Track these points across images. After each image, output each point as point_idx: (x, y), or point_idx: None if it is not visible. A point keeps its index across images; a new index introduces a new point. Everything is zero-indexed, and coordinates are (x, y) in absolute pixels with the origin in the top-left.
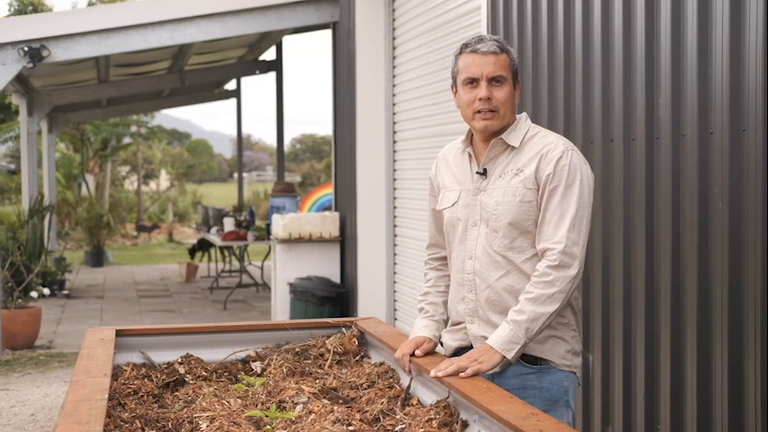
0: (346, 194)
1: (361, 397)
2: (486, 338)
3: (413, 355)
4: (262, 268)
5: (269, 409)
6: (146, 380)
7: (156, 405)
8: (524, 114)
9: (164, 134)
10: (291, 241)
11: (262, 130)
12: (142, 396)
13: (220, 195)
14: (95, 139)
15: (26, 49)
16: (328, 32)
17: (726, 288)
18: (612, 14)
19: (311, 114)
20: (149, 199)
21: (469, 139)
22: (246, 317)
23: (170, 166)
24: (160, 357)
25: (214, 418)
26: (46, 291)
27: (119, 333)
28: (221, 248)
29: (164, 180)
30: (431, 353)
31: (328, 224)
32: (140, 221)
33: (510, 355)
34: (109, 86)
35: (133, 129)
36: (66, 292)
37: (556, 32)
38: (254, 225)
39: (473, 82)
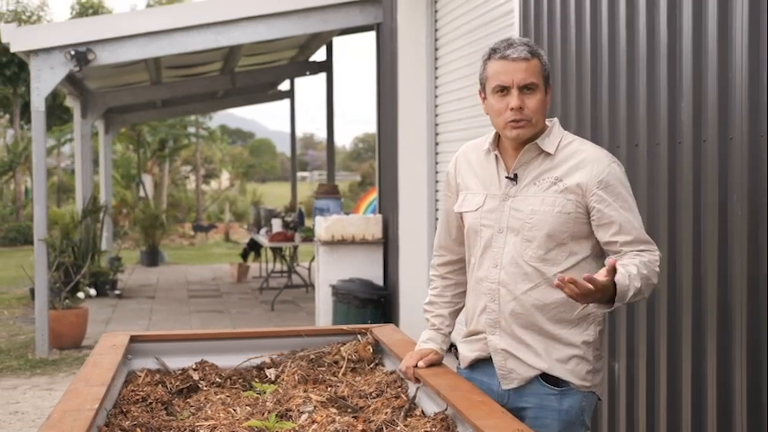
0: (389, 196)
1: (369, 406)
2: (508, 352)
3: (416, 367)
4: (309, 269)
5: (268, 418)
6: (157, 386)
7: (165, 412)
8: (556, 120)
9: (226, 134)
10: (334, 243)
11: (323, 129)
12: (150, 403)
13: (281, 195)
14: (153, 140)
15: (73, 52)
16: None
17: (745, 298)
18: (637, 17)
19: (373, 114)
20: (210, 198)
21: (496, 141)
22: (293, 318)
23: (230, 166)
24: (176, 363)
25: (215, 428)
26: (92, 291)
27: (134, 339)
28: (272, 249)
29: (224, 179)
30: (436, 364)
31: (371, 226)
32: (198, 221)
33: (613, 306)
34: (162, 88)
35: (192, 129)
36: (117, 292)
37: (583, 37)
38: (303, 226)
39: (503, 90)
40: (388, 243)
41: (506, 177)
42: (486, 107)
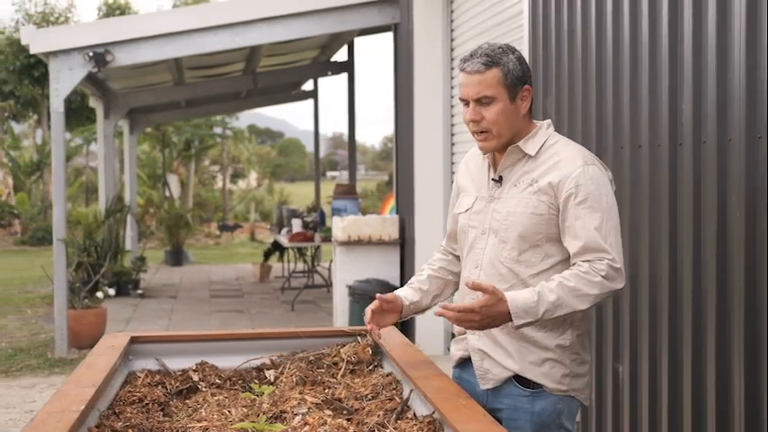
0: (405, 197)
1: (363, 408)
2: (484, 353)
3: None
4: (329, 269)
5: (258, 420)
6: (155, 387)
7: (162, 413)
8: (547, 122)
9: (254, 133)
10: (351, 243)
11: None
12: (147, 404)
13: (308, 194)
14: (179, 140)
15: (91, 54)
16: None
17: (743, 299)
18: (640, 20)
19: None
20: (237, 198)
21: None
22: (313, 318)
23: (257, 166)
24: (176, 364)
25: (207, 429)
26: (111, 291)
27: (134, 340)
28: (295, 249)
29: (252, 179)
30: (394, 307)
31: (388, 227)
32: (224, 221)
33: (516, 323)
34: (184, 88)
35: (218, 130)
36: (140, 291)
37: (589, 41)
38: (323, 226)
39: (465, 102)
40: (404, 244)
41: (492, 180)
42: None
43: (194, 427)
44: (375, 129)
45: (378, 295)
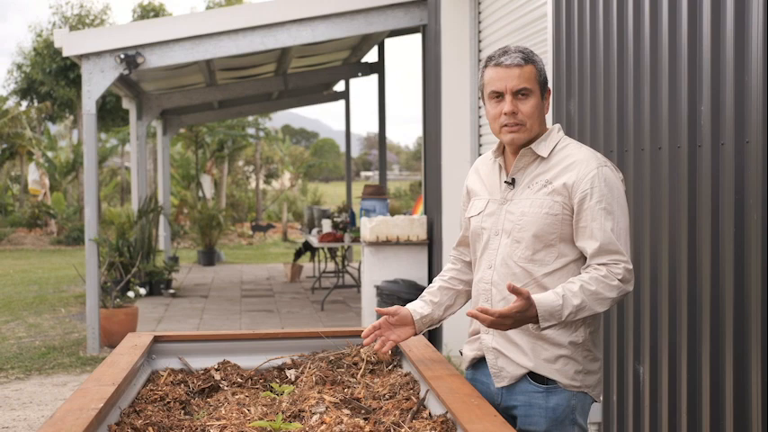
0: (433, 197)
1: (380, 408)
2: (498, 351)
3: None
4: (359, 270)
5: (275, 419)
6: (178, 386)
7: (183, 411)
8: (557, 126)
9: (289, 134)
10: (379, 244)
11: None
12: (168, 402)
13: (343, 195)
14: (212, 141)
15: (122, 56)
16: None
17: (760, 301)
18: (660, 22)
19: None
20: (271, 198)
21: (501, 149)
22: (342, 318)
23: (290, 166)
24: (199, 363)
25: (225, 427)
26: (142, 291)
27: (158, 339)
28: (326, 249)
29: (286, 179)
30: (402, 320)
31: (416, 227)
32: (257, 221)
33: (543, 326)
34: (216, 90)
35: (251, 131)
36: (172, 291)
37: (610, 43)
38: (353, 226)
39: (498, 96)
40: (432, 244)
41: (505, 182)
42: (486, 113)
43: (213, 426)
44: (409, 129)
45: (376, 308)
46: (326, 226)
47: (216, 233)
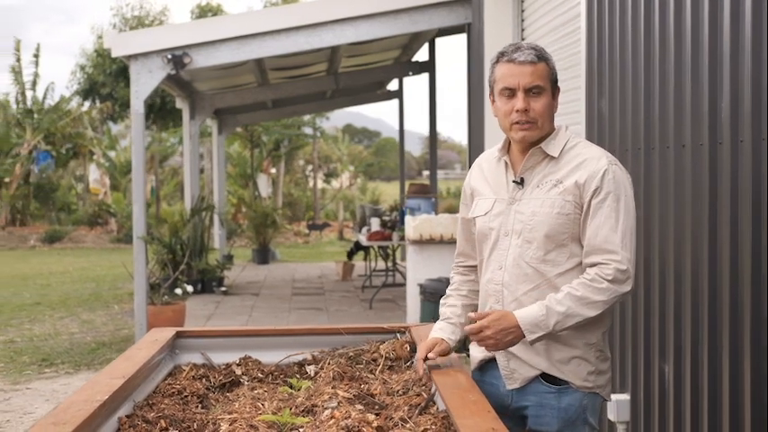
0: None
1: (393, 403)
2: (510, 353)
3: (427, 359)
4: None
5: (282, 413)
6: (197, 380)
7: (200, 405)
8: (564, 125)
9: (349, 133)
10: (423, 242)
11: (450, 128)
12: (186, 396)
13: None
14: (268, 140)
15: (170, 56)
16: None
17: None
18: (684, 21)
19: None
20: (329, 197)
21: (506, 147)
22: (391, 316)
23: (349, 165)
24: (221, 359)
25: (235, 421)
26: (189, 288)
27: (180, 335)
28: (377, 247)
29: (345, 178)
30: (445, 354)
31: None
32: (314, 220)
33: (530, 338)
34: (267, 89)
35: (308, 130)
36: (224, 288)
37: (638, 42)
38: (402, 225)
39: (510, 92)
40: None
41: (513, 182)
42: (494, 110)
43: (223, 419)
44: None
45: (419, 358)
46: (375, 224)
47: (271, 232)
